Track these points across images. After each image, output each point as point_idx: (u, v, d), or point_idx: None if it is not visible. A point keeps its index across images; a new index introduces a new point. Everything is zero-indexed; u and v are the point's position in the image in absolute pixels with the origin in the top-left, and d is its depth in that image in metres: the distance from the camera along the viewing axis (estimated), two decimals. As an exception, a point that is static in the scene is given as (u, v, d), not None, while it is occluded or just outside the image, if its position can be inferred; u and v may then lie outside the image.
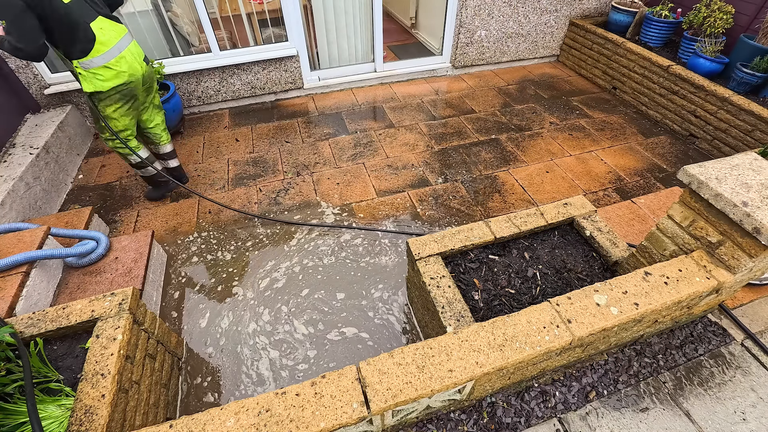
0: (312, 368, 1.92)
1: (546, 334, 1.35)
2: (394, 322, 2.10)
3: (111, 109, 2.31)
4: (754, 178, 1.40)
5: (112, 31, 2.18)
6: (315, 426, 1.12)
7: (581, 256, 1.87)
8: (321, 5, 3.76)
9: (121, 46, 2.22)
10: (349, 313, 2.14)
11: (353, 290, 2.27)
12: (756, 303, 2.05)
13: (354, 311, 2.16)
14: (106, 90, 2.21)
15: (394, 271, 2.36)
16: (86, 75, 2.15)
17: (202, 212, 2.81)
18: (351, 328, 2.08)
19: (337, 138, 3.57)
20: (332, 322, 2.10)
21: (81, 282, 2.04)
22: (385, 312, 2.14)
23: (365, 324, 2.09)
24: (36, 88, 3.29)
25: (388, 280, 2.31)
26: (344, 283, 2.30)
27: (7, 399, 1.30)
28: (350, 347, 2.00)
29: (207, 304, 2.22)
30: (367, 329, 2.07)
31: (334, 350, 1.99)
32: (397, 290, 2.25)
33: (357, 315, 2.14)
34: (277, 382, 1.88)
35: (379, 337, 2.03)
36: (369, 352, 1.98)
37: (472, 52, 4.44)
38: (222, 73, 3.76)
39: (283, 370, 1.91)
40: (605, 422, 1.62)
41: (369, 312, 2.15)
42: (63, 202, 2.95)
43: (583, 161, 3.25)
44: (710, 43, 3.41)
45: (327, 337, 2.04)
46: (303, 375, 1.90)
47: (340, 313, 2.15)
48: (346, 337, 2.04)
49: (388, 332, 2.05)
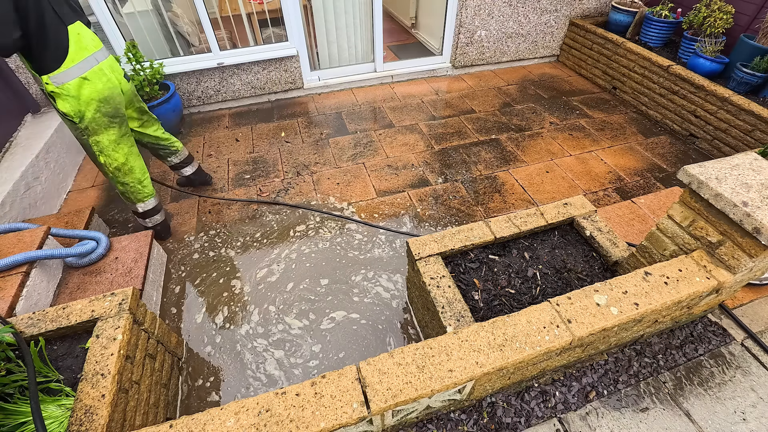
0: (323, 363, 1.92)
1: (546, 334, 1.35)
2: (396, 323, 2.10)
3: (104, 138, 2.03)
4: (754, 178, 1.40)
5: (90, 39, 1.90)
6: (315, 426, 1.12)
7: (581, 256, 1.87)
8: (321, 5, 3.76)
9: (99, 58, 1.94)
10: (334, 297, 2.15)
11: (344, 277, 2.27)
12: (756, 303, 2.05)
13: (338, 294, 2.16)
14: (87, 109, 1.91)
15: (397, 268, 2.37)
16: (59, 92, 1.82)
17: (203, 212, 2.81)
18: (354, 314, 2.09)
19: (337, 138, 3.57)
20: (321, 310, 2.11)
21: (81, 282, 2.04)
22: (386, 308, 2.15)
23: (358, 307, 2.10)
24: (36, 88, 3.28)
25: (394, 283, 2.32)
26: (329, 269, 2.31)
27: (7, 399, 1.30)
28: (354, 332, 2.01)
29: (208, 303, 2.22)
30: (362, 314, 2.08)
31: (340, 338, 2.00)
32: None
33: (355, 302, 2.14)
34: (288, 379, 1.88)
35: (373, 321, 2.04)
36: (366, 334, 1.98)
37: (472, 52, 4.44)
38: (222, 73, 3.76)
39: (294, 369, 1.92)
40: (605, 422, 1.62)
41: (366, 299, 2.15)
42: (63, 202, 2.96)
43: (583, 161, 3.25)
44: (710, 43, 3.41)
45: (322, 327, 2.05)
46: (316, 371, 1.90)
47: (326, 297, 2.15)
48: (342, 321, 2.05)
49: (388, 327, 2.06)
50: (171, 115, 3.39)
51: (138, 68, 3.15)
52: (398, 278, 2.33)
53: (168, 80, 3.58)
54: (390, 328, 2.08)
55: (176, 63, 3.59)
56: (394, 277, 2.33)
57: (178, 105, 3.48)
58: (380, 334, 2.05)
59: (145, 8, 3.45)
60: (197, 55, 3.66)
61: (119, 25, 3.32)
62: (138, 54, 3.10)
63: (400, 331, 2.07)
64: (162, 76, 3.37)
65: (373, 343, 2.02)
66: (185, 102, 3.84)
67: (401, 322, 2.11)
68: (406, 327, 2.09)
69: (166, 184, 2.76)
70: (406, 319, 2.12)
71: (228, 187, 3.03)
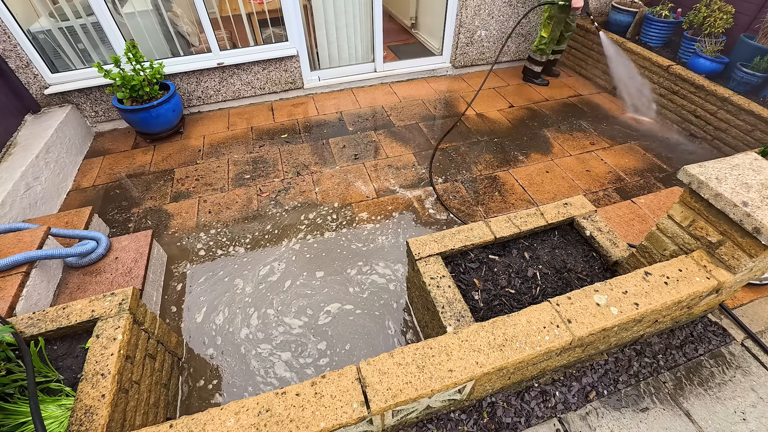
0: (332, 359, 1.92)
1: (546, 334, 1.35)
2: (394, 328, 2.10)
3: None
4: (754, 178, 1.39)
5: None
6: (315, 426, 1.12)
7: (581, 256, 1.87)
8: (321, 5, 3.76)
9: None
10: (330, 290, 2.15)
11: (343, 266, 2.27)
12: (756, 303, 2.05)
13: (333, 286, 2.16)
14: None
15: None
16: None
17: (203, 211, 2.81)
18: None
19: (337, 138, 3.57)
20: (316, 304, 2.11)
21: (81, 282, 2.04)
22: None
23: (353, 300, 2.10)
24: (36, 88, 3.29)
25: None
26: (323, 262, 2.31)
27: (7, 399, 1.30)
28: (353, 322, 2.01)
29: (211, 303, 2.22)
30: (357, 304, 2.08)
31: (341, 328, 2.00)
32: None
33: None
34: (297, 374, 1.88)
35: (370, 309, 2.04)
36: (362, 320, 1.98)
37: (472, 52, 4.44)
38: (222, 73, 3.76)
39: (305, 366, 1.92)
40: (605, 422, 1.62)
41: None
42: (63, 202, 2.96)
43: (583, 161, 3.25)
44: (710, 43, 3.41)
45: (319, 321, 2.05)
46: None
47: (321, 289, 2.15)
48: (340, 312, 2.05)
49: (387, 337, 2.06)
50: (171, 115, 3.38)
51: (138, 68, 3.15)
52: (400, 273, 2.33)
53: (168, 80, 3.58)
54: (392, 324, 2.08)
55: (176, 63, 3.59)
56: (396, 272, 2.34)
57: (178, 105, 3.48)
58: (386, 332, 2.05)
59: (145, 8, 3.45)
60: (197, 55, 3.66)
61: (119, 25, 3.32)
62: (138, 54, 3.10)
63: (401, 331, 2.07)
64: (162, 76, 3.36)
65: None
66: (185, 102, 3.84)
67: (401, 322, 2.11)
68: (406, 328, 2.09)
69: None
70: (405, 319, 2.12)
71: (228, 186, 3.03)
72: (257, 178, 3.12)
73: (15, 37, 3.03)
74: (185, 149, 3.45)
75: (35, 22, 3.18)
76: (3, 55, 3.05)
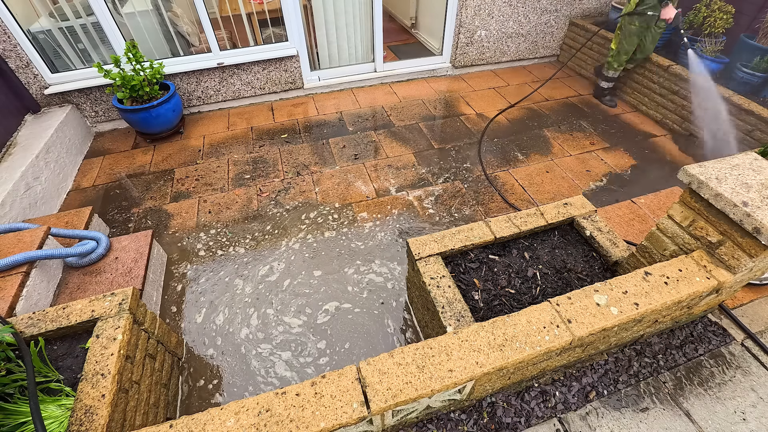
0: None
1: (546, 334, 1.35)
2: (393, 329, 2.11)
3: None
4: (754, 178, 1.39)
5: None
6: (315, 426, 1.12)
7: (581, 256, 1.87)
8: (321, 5, 3.76)
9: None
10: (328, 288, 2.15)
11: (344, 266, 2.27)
12: (756, 303, 2.05)
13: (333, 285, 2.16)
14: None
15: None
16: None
17: (203, 211, 2.81)
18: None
19: (337, 138, 3.57)
20: (316, 303, 2.11)
21: (81, 282, 2.04)
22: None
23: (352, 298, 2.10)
24: (36, 88, 3.29)
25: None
26: (323, 260, 2.31)
27: (7, 399, 1.30)
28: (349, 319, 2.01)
29: (211, 303, 2.22)
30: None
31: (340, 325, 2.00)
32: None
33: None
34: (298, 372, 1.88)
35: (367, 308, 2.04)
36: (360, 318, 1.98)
37: (472, 52, 4.44)
38: (222, 73, 3.76)
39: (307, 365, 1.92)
40: (605, 422, 1.62)
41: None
42: (63, 202, 2.96)
43: (583, 161, 3.25)
44: (710, 43, 3.41)
45: (318, 317, 2.05)
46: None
47: (319, 288, 2.15)
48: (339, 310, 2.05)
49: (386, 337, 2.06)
50: (171, 115, 3.38)
51: (138, 68, 3.15)
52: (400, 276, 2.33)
53: (168, 80, 3.58)
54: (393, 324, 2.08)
55: (176, 63, 3.59)
56: (394, 274, 2.34)
57: (178, 105, 3.48)
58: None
59: (145, 8, 3.45)
60: (197, 55, 3.66)
61: (119, 25, 3.32)
62: (138, 54, 3.10)
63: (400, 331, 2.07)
64: (162, 76, 3.36)
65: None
66: (185, 102, 3.84)
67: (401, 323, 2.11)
68: (406, 328, 2.09)
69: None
70: (404, 317, 2.12)
71: (228, 186, 3.03)
72: (257, 178, 3.12)
73: (15, 37, 3.03)
74: (185, 149, 3.45)
75: (35, 22, 3.18)
76: (3, 55, 3.05)
